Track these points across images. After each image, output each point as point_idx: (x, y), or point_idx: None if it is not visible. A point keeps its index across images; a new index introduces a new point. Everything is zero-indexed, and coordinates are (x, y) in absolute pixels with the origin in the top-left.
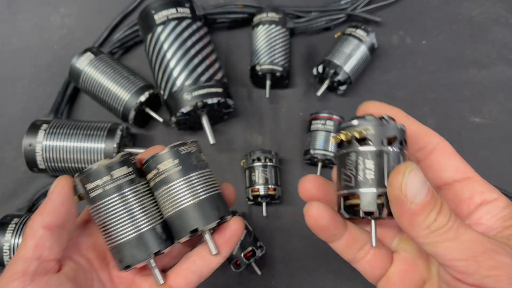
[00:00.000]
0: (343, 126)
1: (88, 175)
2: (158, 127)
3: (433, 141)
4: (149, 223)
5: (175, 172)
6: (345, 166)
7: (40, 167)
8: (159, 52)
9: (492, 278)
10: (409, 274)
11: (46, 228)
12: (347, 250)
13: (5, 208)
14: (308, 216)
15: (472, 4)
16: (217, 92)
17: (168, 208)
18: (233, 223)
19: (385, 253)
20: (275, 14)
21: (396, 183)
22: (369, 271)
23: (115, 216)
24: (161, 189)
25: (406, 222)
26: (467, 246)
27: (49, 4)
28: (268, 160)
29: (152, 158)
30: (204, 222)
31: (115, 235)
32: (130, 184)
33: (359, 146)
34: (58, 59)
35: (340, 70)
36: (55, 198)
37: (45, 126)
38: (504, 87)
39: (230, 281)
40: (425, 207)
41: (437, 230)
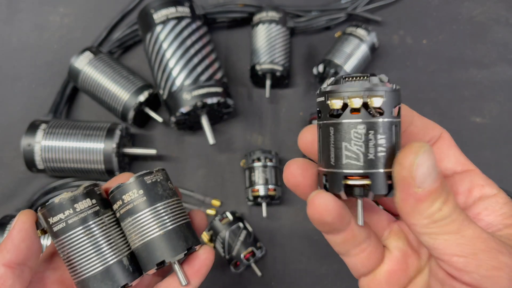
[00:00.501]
0: (336, 88)
1: (50, 208)
2: (157, 127)
3: (437, 133)
4: (116, 255)
5: (141, 203)
6: (348, 140)
7: (39, 167)
8: (159, 52)
9: (492, 279)
10: (397, 274)
11: (6, 266)
12: (342, 245)
13: (4, 208)
14: (313, 209)
15: (473, 4)
16: (216, 91)
17: (135, 240)
18: (203, 253)
19: (380, 253)
20: (275, 13)
21: (407, 163)
22: (358, 268)
23: (80, 250)
24: (126, 220)
25: (408, 208)
26: (469, 241)
27: (49, 4)
28: (268, 160)
29: (116, 189)
30: (171, 254)
31: (80, 270)
32: (95, 216)
33: (370, 117)
34: (58, 58)
35: (340, 70)
36: (15, 235)
37: (44, 126)
38: (504, 87)
39: (230, 281)
40: (432, 193)
41: (440, 221)
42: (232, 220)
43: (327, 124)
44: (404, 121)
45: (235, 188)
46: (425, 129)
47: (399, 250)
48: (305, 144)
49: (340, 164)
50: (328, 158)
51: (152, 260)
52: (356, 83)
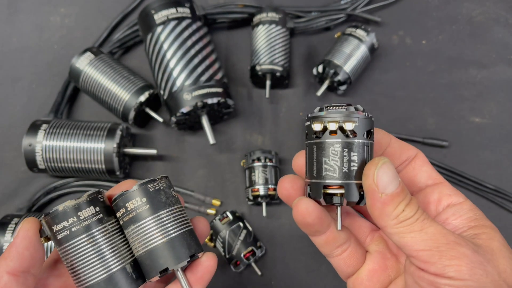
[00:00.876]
0: (319, 115)
1: (54, 216)
2: (158, 127)
3: (412, 153)
4: (119, 262)
5: (144, 211)
6: (327, 156)
7: (40, 167)
8: (159, 52)
9: (453, 267)
10: (377, 273)
11: (10, 273)
12: (325, 246)
13: (5, 208)
14: (296, 212)
15: (472, 4)
16: (217, 92)
17: (138, 247)
18: (206, 260)
19: (360, 253)
20: (275, 14)
21: (370, 173)
22: (342, 268)
23: (84, 257)
24: (130, 228)
25: (377, 212)
26: (431, 237)
27: (49, 4)
28: (268, 160)
29: (120, 197)
30: (175, 261)
31: (84, 277)
32: (98, 224)
33: (345, 138)
34: (58, 59)
35: (340, 70)
36: (19, 243)
37: (45, 126)
38: (504, 87)
39: (230, 281)
40: (394, 197)
41: (405, 221)
42: (232, 219)
43: (312, 143)
44: (382, 144)
45: (235, 188)
46: (402, 150)
47: (378, 252)
48: (298, 166)
49: (320, 176)
50: (312, 171)
51: (156, 267)
52: (334, 111)
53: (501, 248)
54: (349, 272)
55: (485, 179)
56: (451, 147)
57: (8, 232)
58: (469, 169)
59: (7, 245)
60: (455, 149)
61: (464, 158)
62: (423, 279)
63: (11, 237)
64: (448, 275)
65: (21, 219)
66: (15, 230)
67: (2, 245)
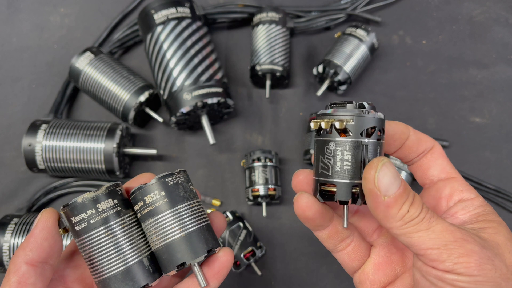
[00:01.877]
0: (322, 112)
1: (73, 208)
2: (158, 127)
3: (430, 145)
4: (136, 255)
5: (162, 205)
6: (323, 154)
7: (39, 167)
8: (159, 52)
9: (462, 264)
10: (382, 267)
11: (28, 264)
12: (329, 240)
13: (4, 208)
14: (296, 206)
15: (472, 4)
16: (217, 92)
17: (156, 241)
18: (223, 255)
19: (364, 247)
20: (275, 13)
21: (370, 177)
22: (348, 262)
23: (101, 250)
24: (147, 222)
25: (381, 214)
26: (439, 235)
27: (49, 4)
28: (268, 160)
29: (138, 190)
30: (192, 256)
31: (102, 269)
32: (116, 216)
33: (338, 137)
34: (58, 59)
35: (340, 70)
36: (38, 233)
37: (44, 126)
38: (504, 87)
39: (230, 281)
40: (397, 199)
41: (410, 221)
42: (232, 219)
43: (315, 141)
44: (401, 137)
45: (235, 188)
46: (419, 142)
47: (383, 246)
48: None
49: (317, 173)
50: (315, 168)
51: (173, 261)
52: (329, 110)
53: (507, 243)
54: (355, 267)
55: (485, 179)
56: (451, 147)
57: (8, 232)
58: (469, 169)
59: (6, 245)
60: (455, 149)
61: (464, 158)
62: (431, 274)
63: (10, 237)
64: (457, 271)
65: (21, 220)
66: (14, 230)
67: (1, 245)
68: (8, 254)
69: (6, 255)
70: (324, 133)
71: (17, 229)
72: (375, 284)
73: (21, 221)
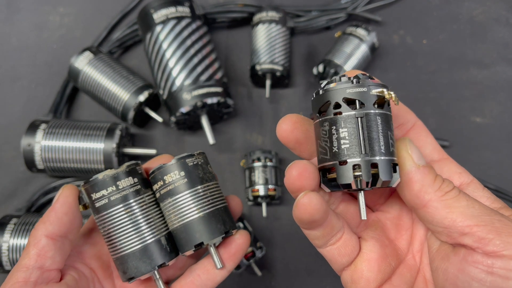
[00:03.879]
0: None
1: (94, 184)
2: (157, 127)
3: (411, 119)
4: (154, 234)
5: (181, 185)
6: (319, 137)
7: (39, 167)
8: (159, 52)
9: (511, 244)
10: (377, 263)
11: (49, 237)
12: (321, 238)
13: (4, 208)
14: (302, 209)
15: (473, 4)
16: (216, 91)
17: (174, 221)
18: (239, 237)
19: (355, 241)
20: (275, 13)
21: (403, 147)
22: (337, 258)
23: (120, 227)
24: (166, 201)
25: (418, 185)
26: (483, 212)
27: (48, 3)
28: (268, 160)
29: (158, 169)
30: (209, 236)
31: (120, 246)
32: (136, 195)
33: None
34: (57, 58)
35: (340, 70)
36: (58, 208)
37: (44, 126)
38: (505, 86)
39: (230, 282)
40: (431, 168)
41: (449, 192)
42: None
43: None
44: None
45: (235, 188)
46: (399, 109)
47: (375, 239)
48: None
49: (331, 157)
50: (326, 152)
51: (191, 241)
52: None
53: None
54: (344, 263)
55: (486, 179)
56: (452, 147)
57: (7, 233)
58: (469, 169)
59: (6, 245)
60: (455, 149)
61: (465, 158)
62: (478, 264)
63: (10, 237)
64: (504, 253)
65: (20, 220)
66: (14, 231)
67: (0, 245)
68: (7, 255)
69: (5, 255)
70: (318, 116)
71: (17, 229)
72: (371, 282)
73: (20, 221)
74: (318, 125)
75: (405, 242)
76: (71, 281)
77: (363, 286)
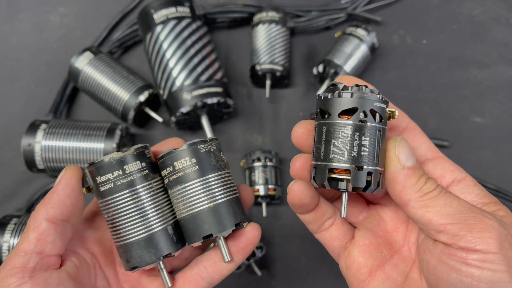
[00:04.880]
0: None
1: (99, 167)
2: (157, 127)
3: (404, 120)
4: (161, 223)
5: (192, 172)
6: (336, 138)
7: (39, 167)
8: (159, 52)
9: (483, 239)
10: (369, 249)
11: (49, 221)
12: (314, 222)
13: (4, 208)
14: (292, 194)
15: (473, 4)
16: (216, 91)
17: (182, 209)
18: (250, 231)
19: (346, 226)
20: (275, 13)
21: (391, 147)
22: (330, 242)
23: (125, 214)
24: (175, 188)
25: (400, 185)
26: (457, 210)
27: (48, 3)
28: (268, 160)
29: (168, 154)
30: (219, 228)
31: (124, 234)
32: (143, 180)
33: (360, 121)
34: (57, 58)
35: (340, 70)
36: (61, 190)
37: (44, 126)
38: (505, 86)
39: (230, 282)
40: (416, 170)
41: (428, 193)
42: None
43: (321, 124)
44: None
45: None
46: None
47: (369, 229)
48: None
49: (327, 158)
50: (319, 153)
51: (199, 232)
52: (347, 92)
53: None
54: (337, 247)
55: (486, 179)
56: (452, 147)
57: (7, 232)
58: (469, 169)
59: (6, 245)
60: (455, 149)
61: (465, 158)
62: (453, 256)
63: (10, 237)
64: (478, 247)
65: (21, 220)
66: (14, 230)
67: (1, 245)
68: (7, 255)
69: (5, 255)
70: (337, 116)
71: (17, 229)
72: (362, 266)
73: (21, 221)
74: (334, 125)
75: (401, 234)
76: (71, 268)
77: (355, 270)
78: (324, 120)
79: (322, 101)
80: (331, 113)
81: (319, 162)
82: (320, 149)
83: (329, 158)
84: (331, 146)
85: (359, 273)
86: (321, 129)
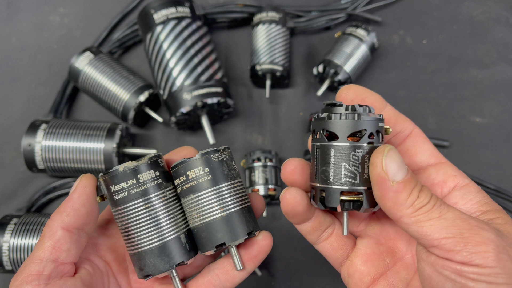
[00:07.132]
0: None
1: (113, 176)
2: (157, 127)
3: (408, 127)
4: (174, 231)
5: (205, 181)
6: (347, 161)
7: (39, 167)
8: (159, 52)
9: (479, 254)
10: (371, 258)
11: (65, 229)
12: (312, 233)
13: (4, 208)
14: (285, 202)
15: (473, 4)
16: (217, 92)
17: (195, 218)
18: (262, 239)
19: (347, 237)
20: (275, 13)
21: (378, 162)
22: (331, 253)
23: (139, 222)
24: (188, 197)
25: (390, 202)
26: (452, 223)
27: (49, 3)
28: (268, 160)
29: (181, 164)
30: (232, 237)
31: (137, 242)
32: (157, 189)
33: (376, 143)
34: (58, 59)
35: (340, 70)
36: (76, 199)
37: (44, 126)
38: (505, 87)
39: None
40: (406, 184)
41: (421, 208)
42: None
43: (327, 146)
44: (376, 108)
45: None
46: (396, 118)
47: (371, 238)
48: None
49: (338, 182)
50: (327, 176)
51: (212, 241)
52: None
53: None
54: (339, 257)
55: (486, 179)
56: (452, 147)
57: (7, 233)
58: (469, 169)
59: (6, 245)
60: (455, 149)
61: (465, 158)
62: (447, 268)
63: (10, 237)
64: (475, 262)
65: (21, 220)
66: (14, 230)
67: (1, 245)
68: (7, 255)
69: (5, 255)
70: (345, 138)
71: (17, 229)
72: (365, 275)
73: (21, 221)
74: (344, 148)
75: (404, 242)
76: (85, 276)
77: (358, 279)
78: (331, 142)
79: (325, 122)
80: (338, 135)
81: (329, 186)
82: (329, 172)
83: (341, 181)
84: (342, 169)
85: (362, 282)
86: (328, 152)
